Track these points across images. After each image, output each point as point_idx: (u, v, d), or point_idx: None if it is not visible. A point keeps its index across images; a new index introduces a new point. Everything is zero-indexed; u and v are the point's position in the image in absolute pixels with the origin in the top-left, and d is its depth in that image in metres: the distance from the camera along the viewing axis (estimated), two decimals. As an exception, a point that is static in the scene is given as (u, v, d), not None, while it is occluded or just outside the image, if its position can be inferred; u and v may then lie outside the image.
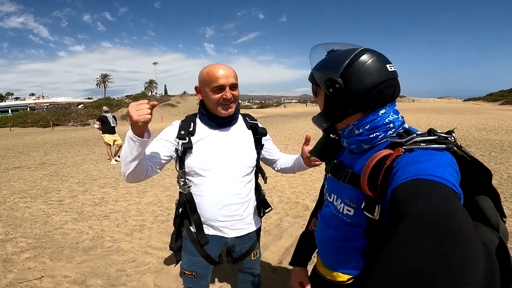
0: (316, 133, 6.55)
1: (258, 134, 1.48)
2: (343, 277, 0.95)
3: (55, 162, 8.55)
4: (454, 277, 0.36)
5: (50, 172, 7.06)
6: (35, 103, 65.89)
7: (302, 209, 4.12)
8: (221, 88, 1.30)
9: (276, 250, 2.97)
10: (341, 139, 0.96)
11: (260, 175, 1.59)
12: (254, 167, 1.49)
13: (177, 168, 1.42)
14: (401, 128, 0.86)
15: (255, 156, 1.47)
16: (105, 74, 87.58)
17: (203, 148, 1.36)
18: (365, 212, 0.79)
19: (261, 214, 1.57)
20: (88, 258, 2.89)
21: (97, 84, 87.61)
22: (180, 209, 1.45)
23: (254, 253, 1.59)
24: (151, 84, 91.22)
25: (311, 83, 0.97)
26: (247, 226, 1.47)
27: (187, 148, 1.33)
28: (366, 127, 0.85)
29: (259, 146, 1.49)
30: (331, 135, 1.05)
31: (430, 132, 0.75)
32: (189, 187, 1.38)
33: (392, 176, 0.69)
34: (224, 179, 1.37)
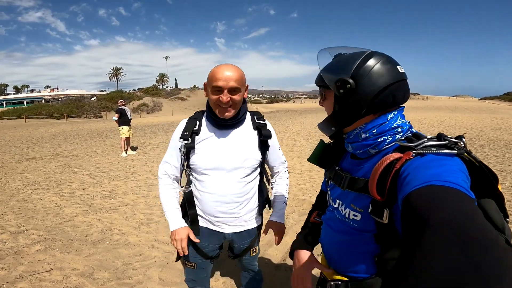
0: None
1: (262, 136, 1.45)
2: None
3: (68, 153, 8.75)
4: (486, 282, 0.36)
5: (63, 164, 7.24)
6: (50, 95, 67.20)
7: (308, 207, 4.10)
8: (219, 90, 1.27)
9: (281, 248, 2.98)
10: (346, 144, 0.95)
11: (265, 175, 1.58)
12: (257, 167, 1.47)
13: (176, 165, 1.46)
14: (409, 132, 0.85)
15: (258, 157, 1.45)
16: (118, 67, 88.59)
17: (206, 148, 1.38)
18: (373, 216, 0.79)
19: (261, 213, 1.58)
20: (97, 251, 2.96)
21: (110, 77, 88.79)
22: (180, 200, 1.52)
23: (253, 250, 1.63)
24: (162, 77, 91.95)
25: (319, 87, 0.96)
26: (245, 223, 1.49)
27: (190, 148, 1.37)
28: (373, 131, 0.84)
29: (264, 147, 1.47)
30: (332, 141, 1.04)
31: (440, 137, 0.74)
32: (190, 184, 1.46)
33: (401, 180, 0.68)
34: (224, 179, 1.39)
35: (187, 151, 1.38)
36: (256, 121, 1.47)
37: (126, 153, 8.40)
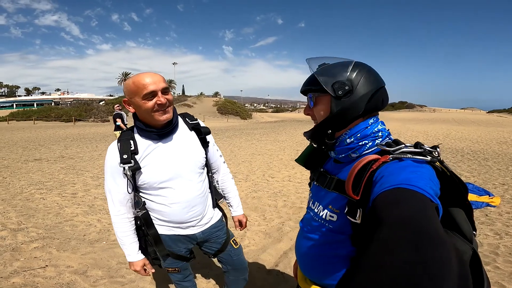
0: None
1: (202, 134, 1.47)
2: None
3: (73, 156, 8.87)
4: (433, 281, 0.38)
5: (68, 166, 7.34)
6: (60, 98, 68.33)
7: (305, 215, 4.11)
8: (153, 95, 1.24)
9: (274, 253, 2.99)
10: (329, 150, 0.97)
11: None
12: (204, 165, 1.51)
13: (129, 191, 1.35)
14: (387, 138, 0.89)
15: (204, 154, 1.48)
16: (127, 72, 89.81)
17: (153, 163, 1.33)
18: (348, 217, 0.81)
19: (215, 205, 1.63)
20: (93, 250, 3.01)
21: (118, 82, 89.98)
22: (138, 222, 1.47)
23: (233, 241, 1.69)
24: (170, 83, 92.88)
25: (307, 95, 0.96)
26: (208, 219, 1.55)
27: (135, 169, 1.30)
28: (357, 136, 0.88)
29: (205, 144, 1.50)
30: (316, 145, 1.04)
31: (417, 145, 0.78)
32: (143, 205, 1.40)
33: (375, 182, 0.71)
34: (184, 185, 1.39)
35: (133, 174, 1.31)
36: (190, 122, 1.49)
37: None
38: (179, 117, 1.46)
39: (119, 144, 1.32)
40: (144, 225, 1.42)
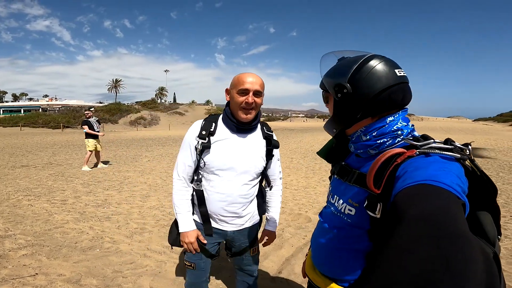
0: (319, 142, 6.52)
1: (271, 145, 1.56)
2: None
3: (62, 162, 8.64)
4: (456, 279, 0.36)
5: (56, 172, 7.13)
6: (48, 104, 67.19)
7: (304, 221, 4.06)
8: (246, 92, 1.38)
9: (276, 260, 2.92)
10: (349, 144, 0.97)
11: (265, 180, 1.66)
12: (261, 173, 1.57)
13: (192, 162, 1.49)
14: (410, 136, 0.85)
15: (264, 164, 1.55)
16: (117, 79, 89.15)
17: (220, 149, 1.45)
18: (367, 211, 0.78)
19: (260, 213, 1.66)
20: (86, 258, 2.86)
21: (108, 89, 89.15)
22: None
23: (253, 249, 1.68)
24: (161, 91, 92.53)
25: (322, 90, 1.00)
26: (245, 222, 1.57)
27: (205, 147, 1.43)
28: (373, 134, 0.86)
29: (269, 156, 1.57)
30: (338, 141, 1.05)
31: (447, 141, 0.74)
32: (200, 182, 1.50)
33: (398, 177, 0.67)
34: (234, 180, 1.46)
35: (202, 150, 1.44)
36: (266, 131, 1.58)
37: (97, 166, 8.03)
38: (259, 123, 1.57)
39: (203, 122, 1.49)
40: (195, 201, 1.53)
